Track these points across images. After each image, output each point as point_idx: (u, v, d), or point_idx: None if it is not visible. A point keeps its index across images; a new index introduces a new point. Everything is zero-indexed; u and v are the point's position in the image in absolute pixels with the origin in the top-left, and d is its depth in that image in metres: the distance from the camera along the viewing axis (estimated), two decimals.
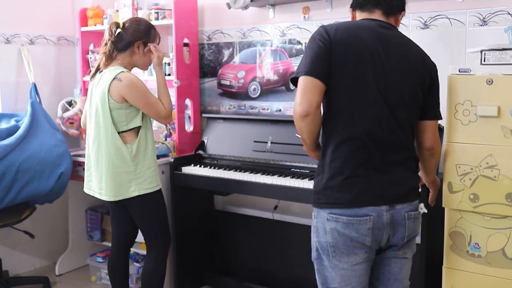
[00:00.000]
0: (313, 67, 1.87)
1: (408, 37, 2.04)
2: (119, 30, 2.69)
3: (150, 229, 2.82)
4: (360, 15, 2.04)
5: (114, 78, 2.60)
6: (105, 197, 2.73)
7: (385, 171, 1.91)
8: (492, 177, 2.03)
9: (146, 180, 2.71)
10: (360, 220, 1.88)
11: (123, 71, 2.63)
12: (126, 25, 2.71)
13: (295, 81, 1.92)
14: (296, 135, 2.06)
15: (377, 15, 2.01)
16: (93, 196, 2.82)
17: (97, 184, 2.74)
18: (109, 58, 2.69)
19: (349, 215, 1.88)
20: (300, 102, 1.86)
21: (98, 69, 2.73)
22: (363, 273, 1.97)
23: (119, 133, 2.65)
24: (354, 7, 2.06)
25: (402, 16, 2.09)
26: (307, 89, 1.86)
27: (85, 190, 2.87)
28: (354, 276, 1.95)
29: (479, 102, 2.04)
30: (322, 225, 1.93)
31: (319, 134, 1.97)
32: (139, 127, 2.68)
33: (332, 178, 1.91)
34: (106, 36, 2.70)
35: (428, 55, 2.03)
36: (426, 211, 2.06)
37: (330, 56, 1.87)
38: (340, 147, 1.90)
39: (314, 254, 2.02)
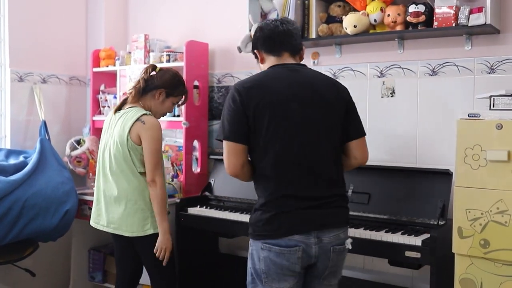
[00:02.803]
0: (232, 131, 2.03)
1: (318, 70, 2.25)
2: (153, 72, 2.78)
3: (157, 268, 2.77)
4: (268, 59, 2.19)
5: (138, 120, 2.64)
6: (118, 232, 2.69)
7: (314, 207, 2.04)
8: (503, 223, 2.01)
9: None
10: (290, 251, 1.98)
11: (146, 114, 2.68)
12: (161, 71, 2.81)
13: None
14: None
15: (285, 58, 2.16)
16: (96, 234, 2.79)
17: (110, 219, 2.71)
18: (138, 94, 2.74)
19: (280, 245, 1.99)
20: (227, 166, 2.06)
21: (124, 103, 2.78)
22: None
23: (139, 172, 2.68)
24: (263, 50, 2.20)
25: (303, 52, 2.27)
26: (230, 154, 2.05)
27: (93, 224, 2.83)
28: None
29: (489, 146, 2.04)
30: (257, 253, 2.05)
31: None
32: None
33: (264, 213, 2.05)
34: (141, 74, 2.80)
35: (339, 81, 2.25)
36: (351, 247, 2.11)
37: (245, 116, 2.01)
38: (270, 202, 2.03)
39: (249, 278, 2.12)
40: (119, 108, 2.78)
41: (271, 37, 2.17)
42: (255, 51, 2.25)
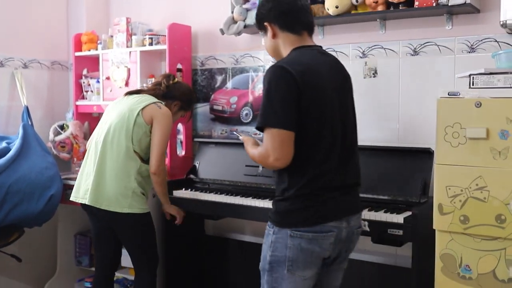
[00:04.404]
0: (286, 118, 1.84)
1: None
2: (171, 82, 2.98)
3: (138, 251, 2.81)
4: (286, 36, 2.03)
5: (155, 103, 2.78)
6: (95, 204, 2.71)
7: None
8: (482, 199, 2.04)
9: (140, 200, 2.76)
10: (324, 236, 1.94)
11: (162, 103, 2.83)
12: (180, 82, 3.06)
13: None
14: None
15: (305, 37, 2.05)
16: (82, 219, 2.82)
17: (92, 191, 2.72)
18: (156, 96, 2.85)
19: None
20: (278, 157, 1.86)
21: (140, 92, 2.90)
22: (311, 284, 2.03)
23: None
24: (278, 25, 2.03)
25: None
26: (284, 144, 1.85)
27: (73, 198, 2.88)
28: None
29: (468, 124, 2.07)
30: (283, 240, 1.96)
31: None
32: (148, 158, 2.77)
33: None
34: (163, 79, 2.97)
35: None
36: (368, 229, 2.27)
37: (298, 103, 1.85)
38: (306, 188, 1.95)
39: (266, 266, 2.05)
40: (131, 93, 2.88)
41: (290, 12, 2.02)
42: (264, 23, 2.06)
